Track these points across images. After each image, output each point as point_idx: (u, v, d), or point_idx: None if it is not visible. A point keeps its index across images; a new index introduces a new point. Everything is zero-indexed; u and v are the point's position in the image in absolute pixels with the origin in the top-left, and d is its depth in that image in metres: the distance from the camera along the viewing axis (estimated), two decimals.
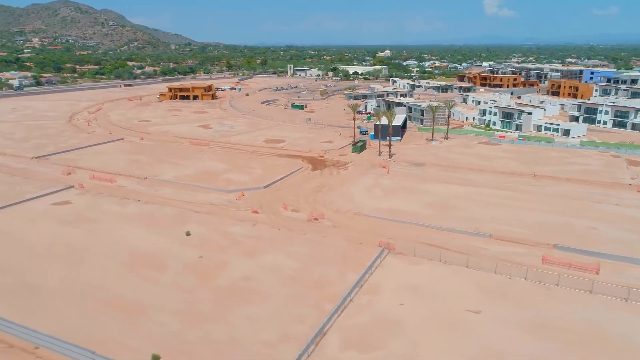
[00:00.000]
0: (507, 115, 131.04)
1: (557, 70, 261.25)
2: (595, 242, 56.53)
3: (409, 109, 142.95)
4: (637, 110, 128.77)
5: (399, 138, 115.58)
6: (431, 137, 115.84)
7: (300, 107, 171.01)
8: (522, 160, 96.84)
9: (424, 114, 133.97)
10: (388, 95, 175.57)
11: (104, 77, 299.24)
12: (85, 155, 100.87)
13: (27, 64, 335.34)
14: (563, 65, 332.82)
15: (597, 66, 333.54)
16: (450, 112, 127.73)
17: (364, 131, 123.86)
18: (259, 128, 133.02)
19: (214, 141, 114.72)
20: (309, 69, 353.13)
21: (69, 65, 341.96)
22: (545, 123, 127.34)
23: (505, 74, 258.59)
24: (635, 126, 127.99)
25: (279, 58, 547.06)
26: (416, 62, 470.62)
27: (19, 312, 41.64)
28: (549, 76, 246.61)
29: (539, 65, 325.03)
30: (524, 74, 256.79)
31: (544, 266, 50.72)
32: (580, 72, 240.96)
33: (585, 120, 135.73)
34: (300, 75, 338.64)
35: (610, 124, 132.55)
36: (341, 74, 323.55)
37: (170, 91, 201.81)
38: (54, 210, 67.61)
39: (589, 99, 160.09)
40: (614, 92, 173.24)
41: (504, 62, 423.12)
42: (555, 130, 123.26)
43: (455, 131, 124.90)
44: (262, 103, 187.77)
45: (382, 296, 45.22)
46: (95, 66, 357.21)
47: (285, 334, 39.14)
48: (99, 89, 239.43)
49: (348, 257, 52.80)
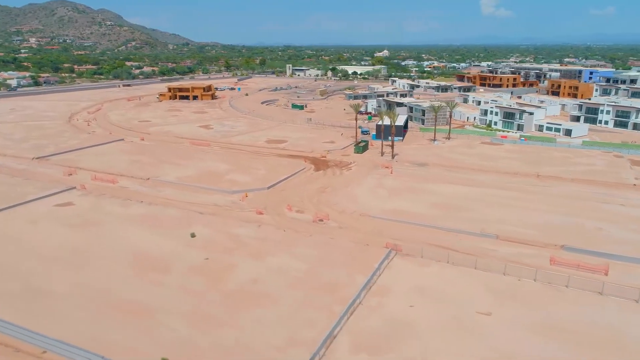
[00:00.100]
0: (509, 115, 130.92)
1: (557, 70, 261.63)
2: (603, 243, 56.33)
3: (410, 109, 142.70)
4: (639, 110, 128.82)
5: (401, 138, 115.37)
6: (433, 137, 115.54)
7: (301, 107, 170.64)
8: (525, 160, 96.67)
9: (426, 114, 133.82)
10: (388, 95, 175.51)
11: (102, 77, 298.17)
12: (85, 155, 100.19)
13: (25, 64, 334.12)
14: (561, 65, 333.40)
15: (595, 66, 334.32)
16: (451, 112, 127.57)
17: (366, 131, 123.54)
18: (260, 128, 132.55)
19: (215, 142, 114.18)
20: (308, 69, 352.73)
21: (66, 65, 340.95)
22: (547, 123, 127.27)
23: (504, 73, 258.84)
24: (636, 126, 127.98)
25: (277, 58, 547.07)
26: (414, 62, 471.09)
27: (25, 316, 41.08)
28: (548, 76, 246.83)
29: (537, 65, 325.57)
30: (523, 73, 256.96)
31: (552, 267, 50.48)
32: (580, 72, 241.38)
33: (586, 120, 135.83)
34: (299, 75, 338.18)
35: (611, 124, 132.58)
36: (340, 74, 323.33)
37: (170, 91, 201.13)
38: (57, 212, 66.98)
39: (589, 99, 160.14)
40: (614, 92, 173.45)
41: (502, 62, 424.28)
42: (557, 130, 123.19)
43: (457, 131, 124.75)
44: (262, 103, 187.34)
45: (391, 298, 44.87)
46: (93, 66, 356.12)
47: (295, 338, 38.74)
48: (98, 89, 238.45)
49: (355, 259, 52.41)
